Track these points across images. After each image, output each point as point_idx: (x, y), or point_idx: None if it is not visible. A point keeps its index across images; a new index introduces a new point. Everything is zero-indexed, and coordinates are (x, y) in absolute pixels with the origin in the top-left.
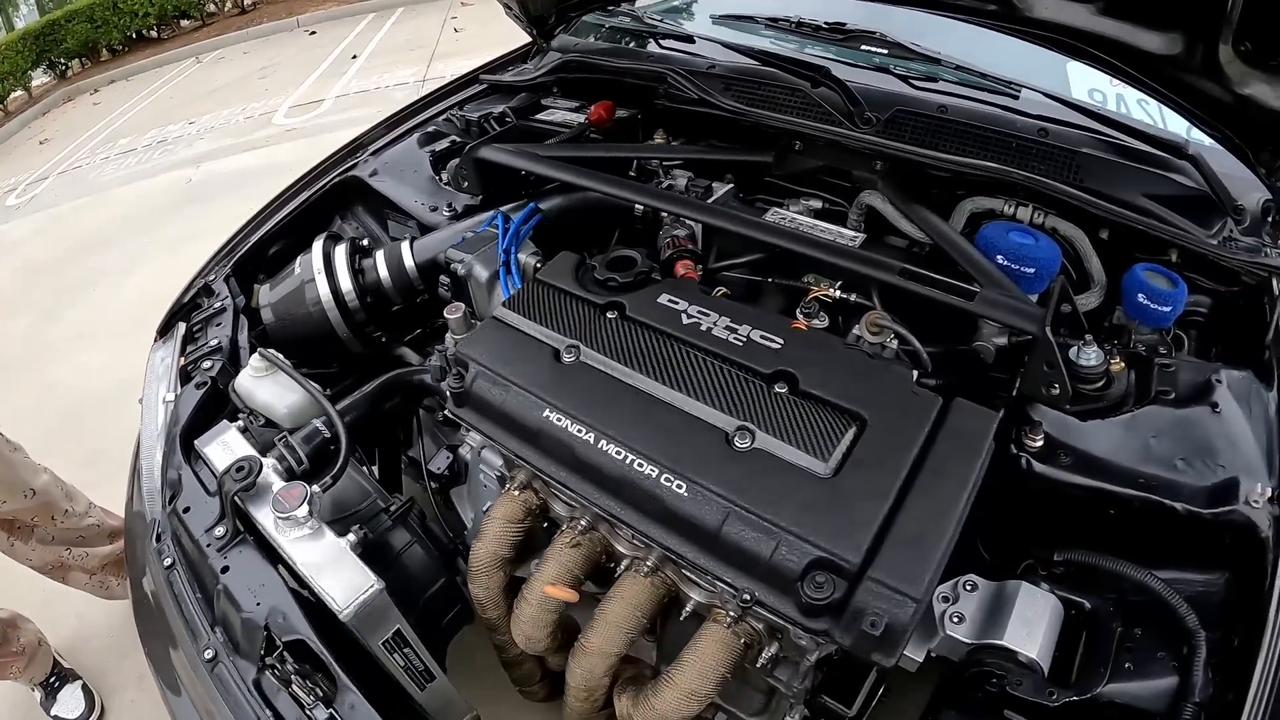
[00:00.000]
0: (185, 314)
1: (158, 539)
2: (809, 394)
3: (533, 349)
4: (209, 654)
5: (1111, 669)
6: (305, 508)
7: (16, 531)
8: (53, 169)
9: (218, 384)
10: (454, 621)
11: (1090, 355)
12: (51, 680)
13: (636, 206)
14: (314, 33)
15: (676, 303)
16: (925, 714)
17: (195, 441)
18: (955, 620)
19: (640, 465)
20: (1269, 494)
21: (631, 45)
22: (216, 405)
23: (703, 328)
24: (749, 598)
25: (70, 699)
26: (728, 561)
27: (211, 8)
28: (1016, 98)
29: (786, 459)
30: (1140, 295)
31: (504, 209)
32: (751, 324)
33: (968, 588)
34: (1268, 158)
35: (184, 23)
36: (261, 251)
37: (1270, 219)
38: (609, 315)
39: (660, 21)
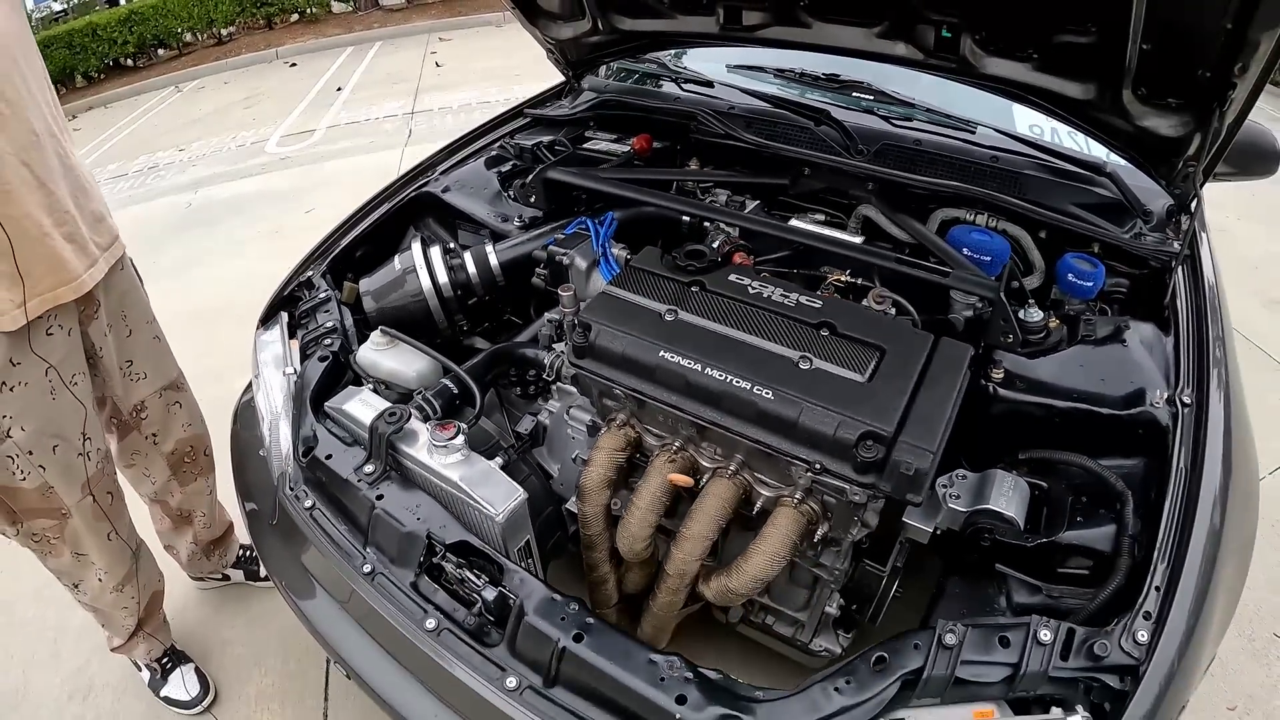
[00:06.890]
0: (283, 305)
1: (290, 486)
2: (844, 335)
3: (640, 312)
4: (367, 569)
5: (1068, 522)
6: (461, 438)
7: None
8: None
9: (339, 358)
10: (554, 549)
11: (1034, 314)
12: (164, 659)
13: (684, 217)
14: (294, 65)
15: (742, 279)
16: (935, 591)
17: (326, 404)
18: (954, 498)
19: (737, 382)
20: (1166, 396)
21: (658, 87)
22: (335, 377)
23: (764, 295)
24: (819, 466)
25: (183, 681)
26: (800, 442)
27: (189, 38)
28: (973, 133)
29: (836, 373)
30: (1070, 275)
31: (584, 217)
32: (797, 293)
33: (960, 477)
34: (1165, 171)
35: (160, 52)
36: (350, 253)
37: (1172, 219)
38: (693, 289)
39: (684, 69)
